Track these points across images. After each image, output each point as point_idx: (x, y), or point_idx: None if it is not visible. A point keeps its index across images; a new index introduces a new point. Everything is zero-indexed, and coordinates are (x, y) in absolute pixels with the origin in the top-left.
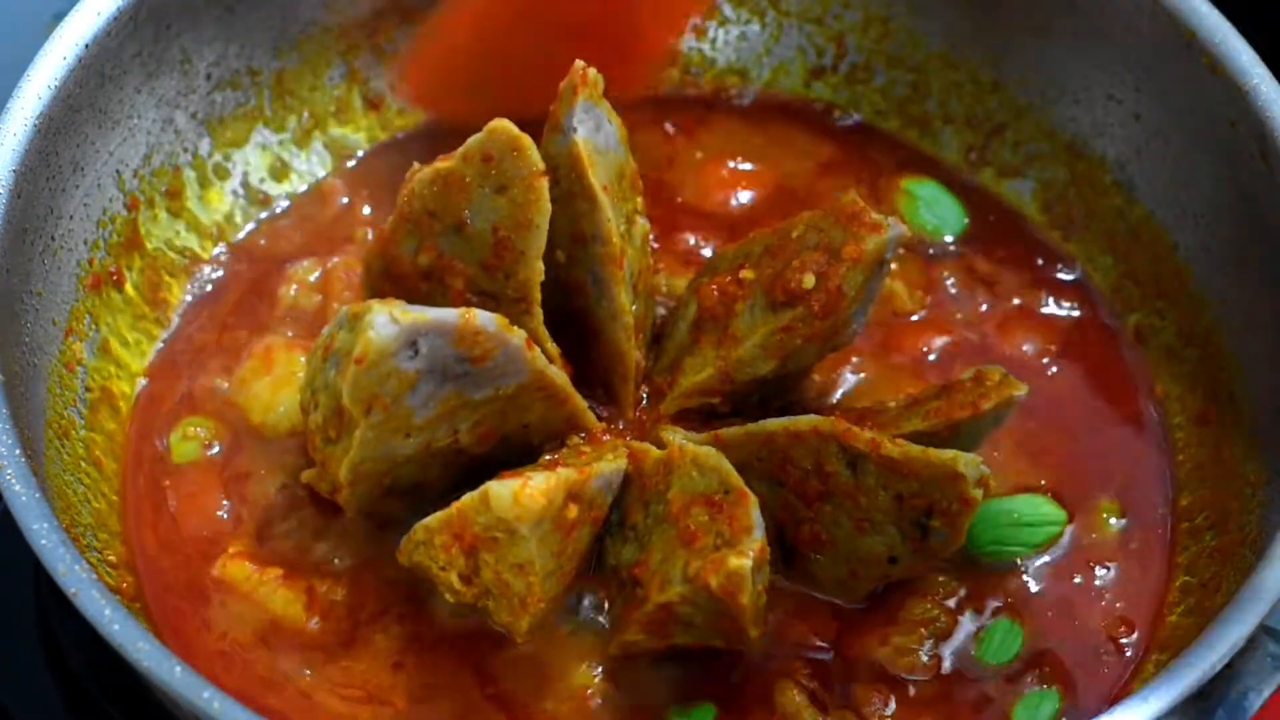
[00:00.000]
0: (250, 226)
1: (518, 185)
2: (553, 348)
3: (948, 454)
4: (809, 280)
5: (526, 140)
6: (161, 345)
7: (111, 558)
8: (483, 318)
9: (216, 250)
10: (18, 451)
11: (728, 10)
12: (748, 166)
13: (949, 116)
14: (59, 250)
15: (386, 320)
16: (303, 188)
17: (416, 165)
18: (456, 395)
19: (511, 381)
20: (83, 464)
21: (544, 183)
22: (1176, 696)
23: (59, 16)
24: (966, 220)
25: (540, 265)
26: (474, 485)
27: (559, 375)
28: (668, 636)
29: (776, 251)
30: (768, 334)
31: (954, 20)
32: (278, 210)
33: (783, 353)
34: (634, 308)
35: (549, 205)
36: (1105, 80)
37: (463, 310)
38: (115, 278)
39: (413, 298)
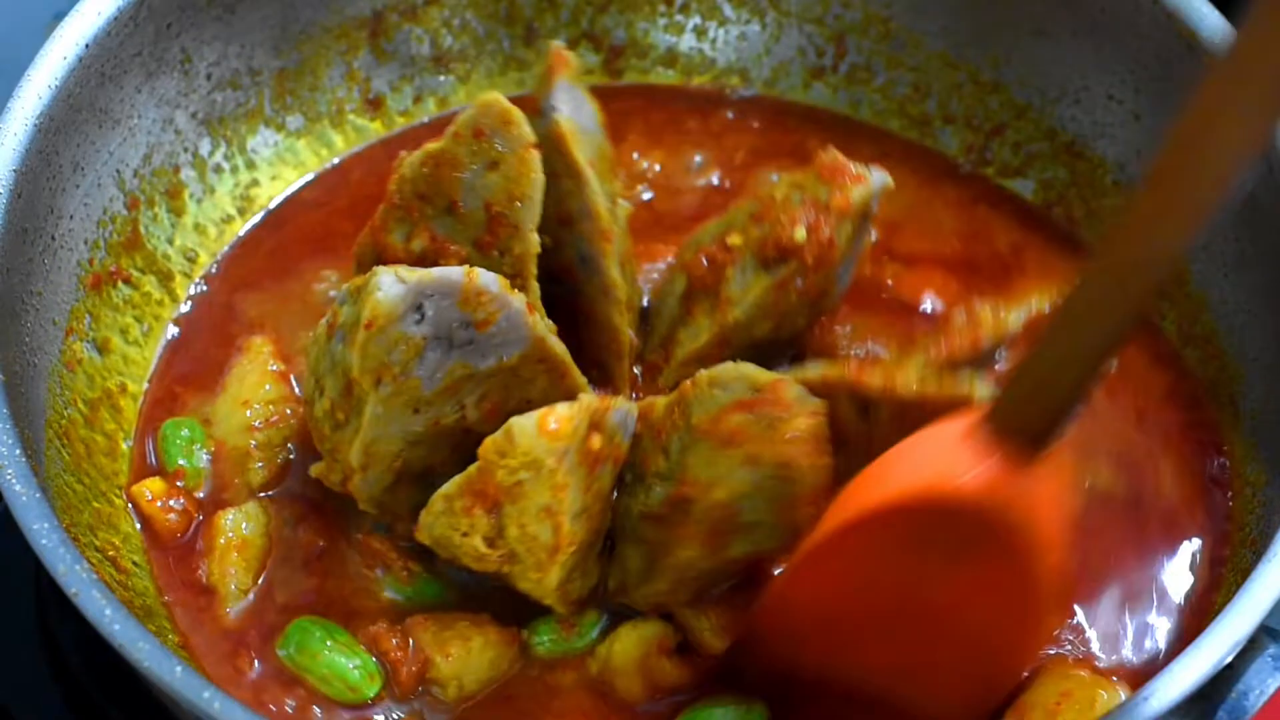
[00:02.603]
0: (250, 226)
1: (510, 159)
2: (550, 323)
3: (962, 383)
4: (800, 233)
5: (518, 113)
6: (162, 344)
7: (112, 553)
8: (485, 277)
9: (217, 250)
10: (18, 451)
11: (728, 10)
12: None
13: (949, 116)
14: (59, 250)
15: (393, 280)
16: (304, 187)
17: (404, 153)
18: (462, 366)
19: (514, 351)
20: (83, 464)
21: (536, 155)
22: (1176, 696)
23: (59, 16)
24: None
25: (535, 238)
26: None
27: (559, 345)
28: (724, 548)
29: (762, 215)
30: (762, 293)
31: (954, 20)
32: (277, 210)
33: (778, 311)
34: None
35: (543, 177)
36: (1105, 80)
37: (467, 269)
38: (116, 277)
39: None
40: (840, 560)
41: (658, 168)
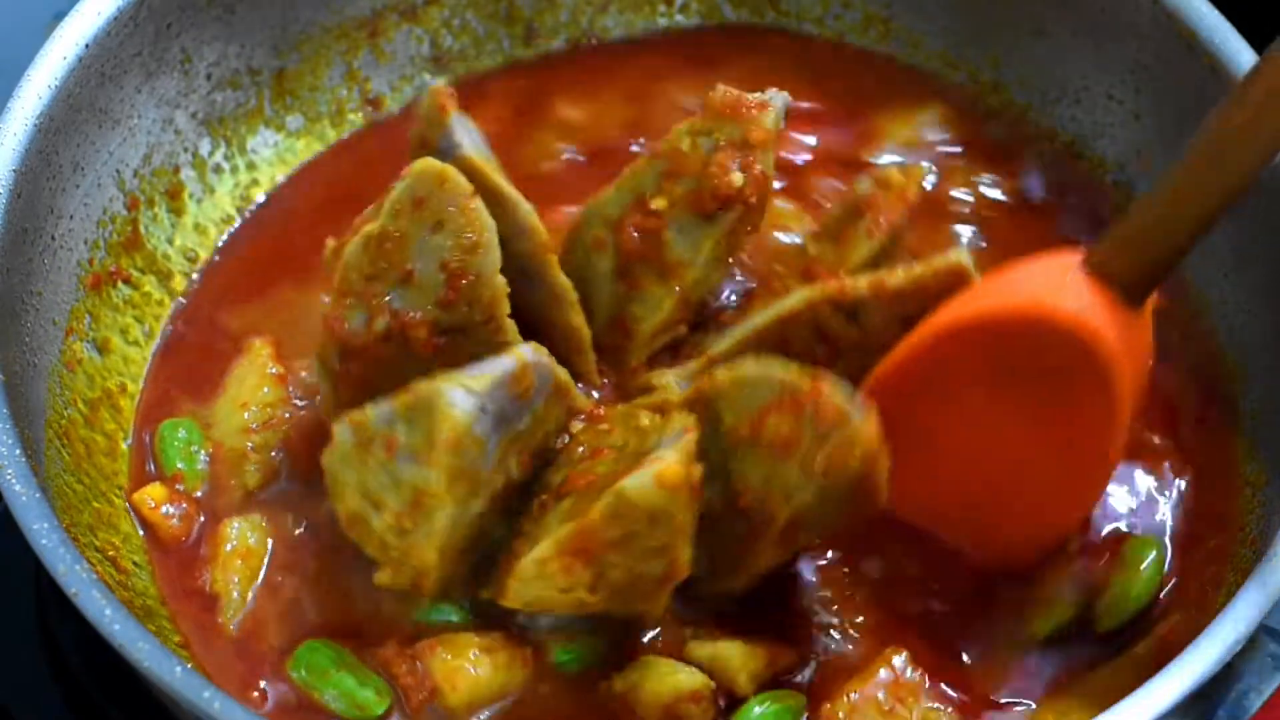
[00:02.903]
0: (250, 226)
1: (455, 215)
2: (543, 348)
3: (945, 257)
4: (738, 178)
5: (450, 169)
6: (161, 345)
7: (112, 553)
8: (529, 354)
9: (217, 249)
10: (18, 451)
11: (727, 10)
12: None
13: None
14: (59, 250)
15: (463, 395)
16: (304, 187)
17: (331, 242)
18: (508, 435)
19: (542, 400)
20: (83, 464)
21: (479, 202)
22: (1176, 696)
23: (59, 16)
24: None
25: (501, 280)
26: (514, 514)
27: (563, 372)
28: (795, 544)
29: (676, 171)
30: (714, 245)
31: (954, 20)
32: (277, 209)
33: (729, 256)
34: None
35: (491, 220)
36: (1105, 80)
37: (517, 353)
38: (116, 277)
39: (378, 366)
40: (930, 368)
41: (585, 117)
